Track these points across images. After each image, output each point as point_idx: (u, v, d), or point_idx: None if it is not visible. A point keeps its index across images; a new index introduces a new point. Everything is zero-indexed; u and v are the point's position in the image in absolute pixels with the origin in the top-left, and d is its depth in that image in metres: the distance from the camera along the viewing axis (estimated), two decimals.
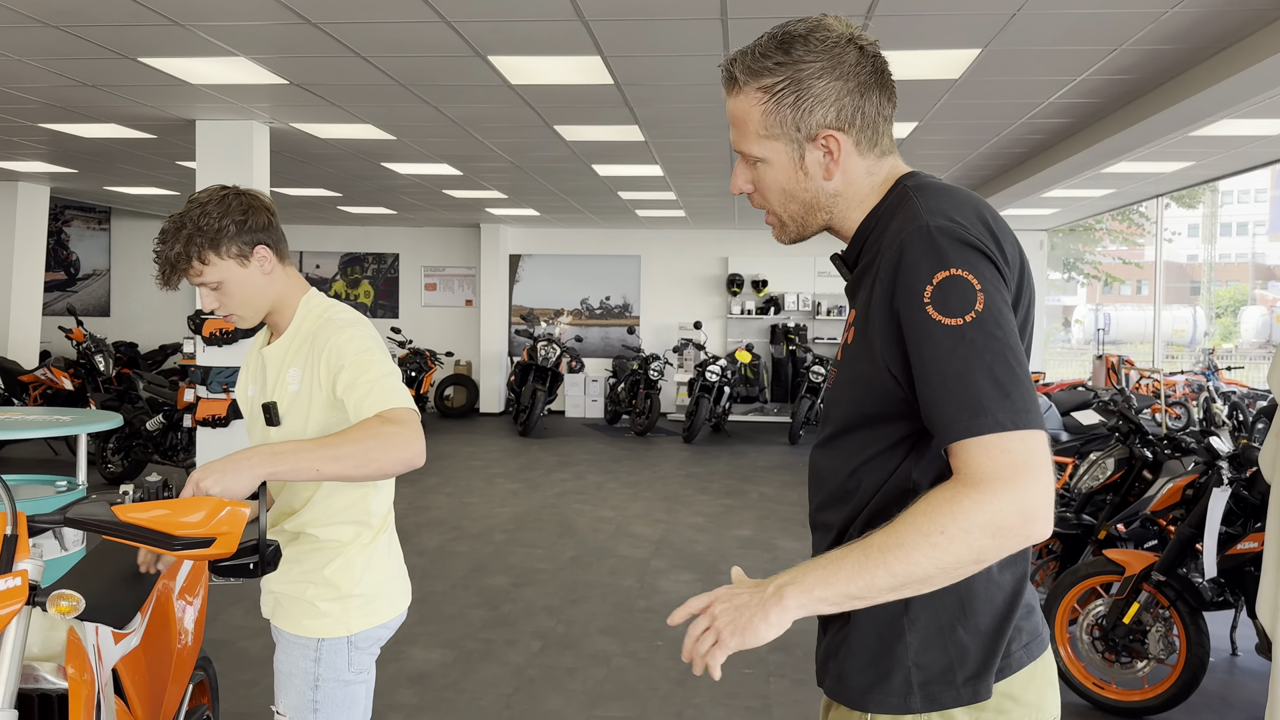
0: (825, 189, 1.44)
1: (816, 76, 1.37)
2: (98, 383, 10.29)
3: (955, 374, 1.23)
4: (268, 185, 7.75)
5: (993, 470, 1.20)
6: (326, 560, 2.11)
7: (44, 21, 4.97)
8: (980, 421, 1.21)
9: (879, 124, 1.42)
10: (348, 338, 2.03)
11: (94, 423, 4.92)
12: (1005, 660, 1.34)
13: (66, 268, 15.49)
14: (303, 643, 2.08)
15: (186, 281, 2.09)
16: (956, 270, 1.26)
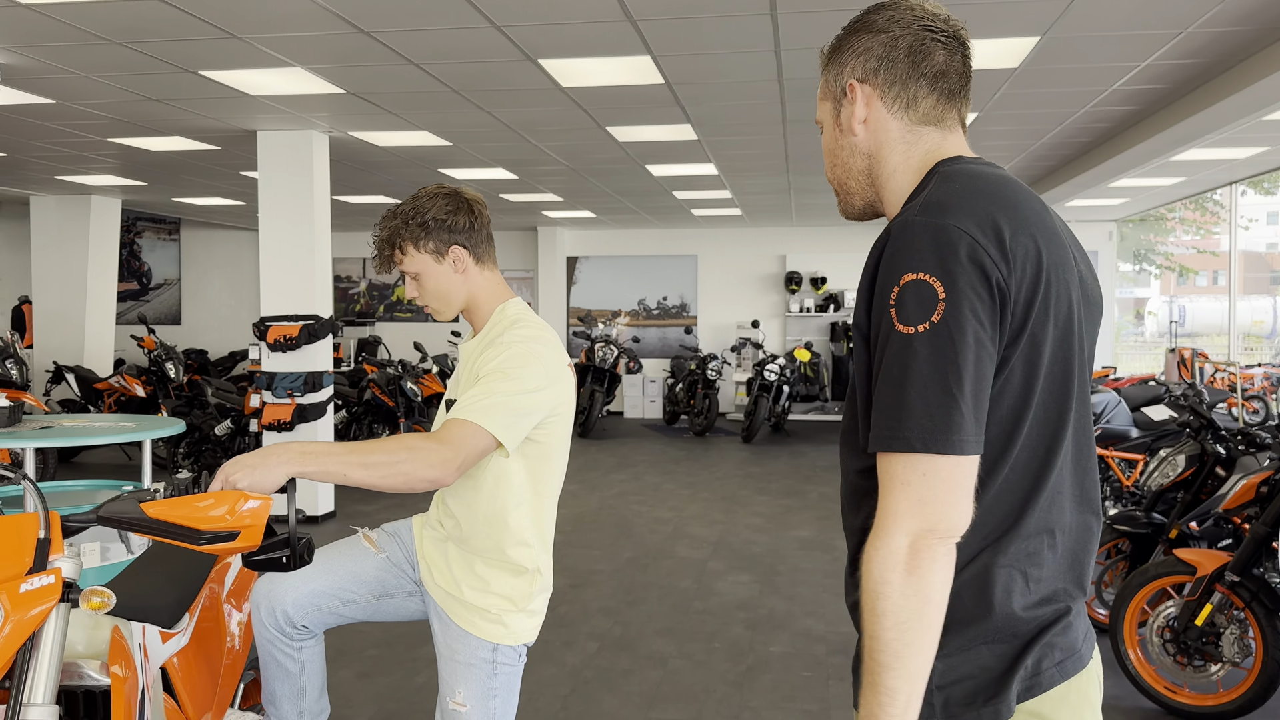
0: (858, 147, 1.44)
1: (855, 32, 1.43)
2: (169, 389, 10.58)
3: (893, 382, 1.24)
4: (328, 193, 7.88)
5: (887, 507, 1.24)
6: (510, 574, 2.25)
7: (110, 39, 5.12)
8: (897, 435, 1.23)
9: (911, 82, 1.39)
10: (514, 353, 2.12)
11: (158, 429, 5.05)
12: (1035, 678, 1.30)
13: (139, 278, 15.96)
14: (482, 641, 2.22)
15: None
16: (922, 274, 1.23)
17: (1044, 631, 1.31)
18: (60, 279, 11.56)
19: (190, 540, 1.71)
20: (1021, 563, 1.31)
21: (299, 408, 7.61)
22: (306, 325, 7.61)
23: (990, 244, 1.24)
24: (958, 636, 1.30)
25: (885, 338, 1.25)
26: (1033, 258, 1.27)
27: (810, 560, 6.55)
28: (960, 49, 1.41)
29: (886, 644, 1.22)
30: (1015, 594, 1.30)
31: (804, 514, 8.01)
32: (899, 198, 1.42)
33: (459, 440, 1.96)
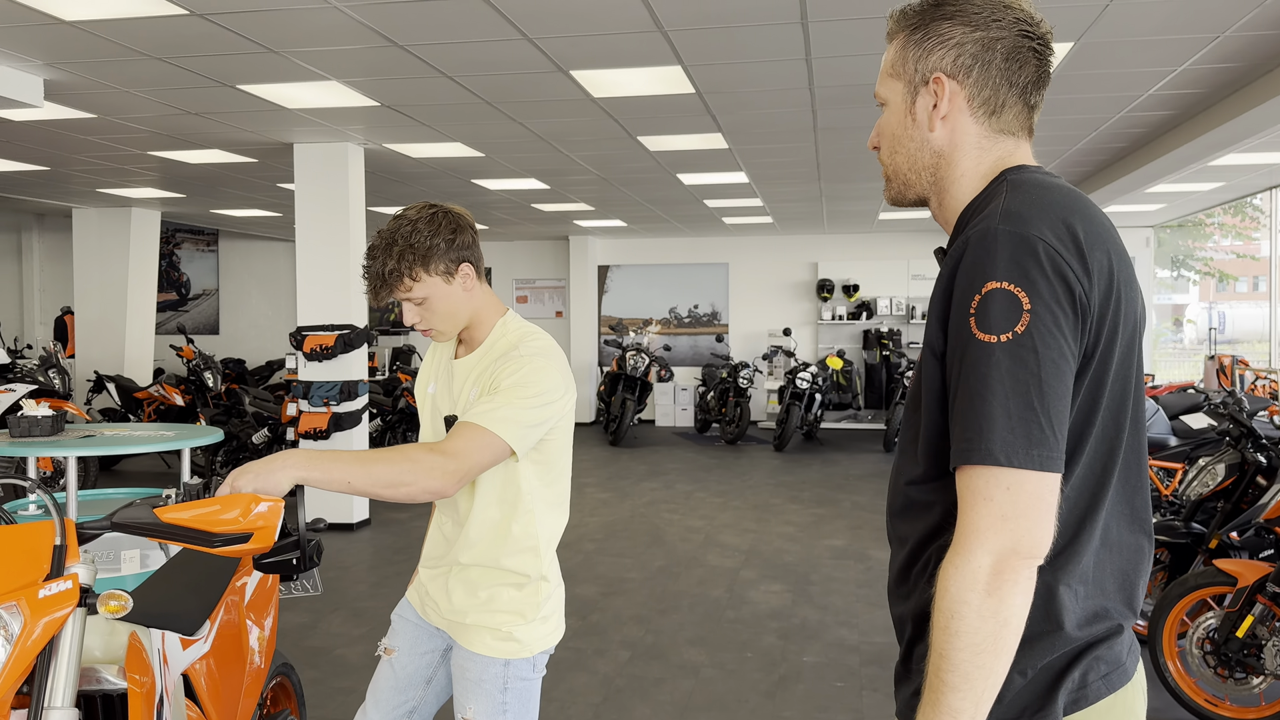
0: (930, 143, 1.38)
1: (948, 19, 1.34)
2: (207, 398, 10.73)
3: (972, 393, 1.20)
4: (363, 204, 7.98)
5: (968, 524, 1.20)
6: (517, 590, 2.21)
7: (151, 55, 5.22)
8: (981, 448, 1.19)
9: (1002, 90, 1.34)
10: (528, 370, 2.09)
11: (195, 438, 5.13)
12: (1082, 691, 1.28)
13: (178, 288, 16.21)
14: (491, 659, 2.20)
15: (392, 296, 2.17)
16: (1006, 284, 1.19)
17: (1092, 646, 1.30)
18: (101, 290, 11.77)
19: (204, 543, 1.73)
20: (1074, 580, 1.29)
21: (335, 416, 7.69)
22: (342, 335, 7.70)
23: (1072, 256, 1.22)
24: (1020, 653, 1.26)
25: (963, 347, 1.21)
26: (1106, 272, 1.25)
27: (843, 570, 6.51)
28: (1048, 55, 1.36)
29: (956, 665, 1.18)
30: (1068, 612, 1.28)
31: (837, 523, 7.97)
32: (960, 202, 1.38)
33: (464, 451, 1.96)
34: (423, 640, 2.35)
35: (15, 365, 10.25)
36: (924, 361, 1.32)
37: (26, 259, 15.14)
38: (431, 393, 2.35)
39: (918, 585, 1.36)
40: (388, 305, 2.22)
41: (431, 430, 2.34)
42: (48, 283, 15.27)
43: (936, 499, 1.32)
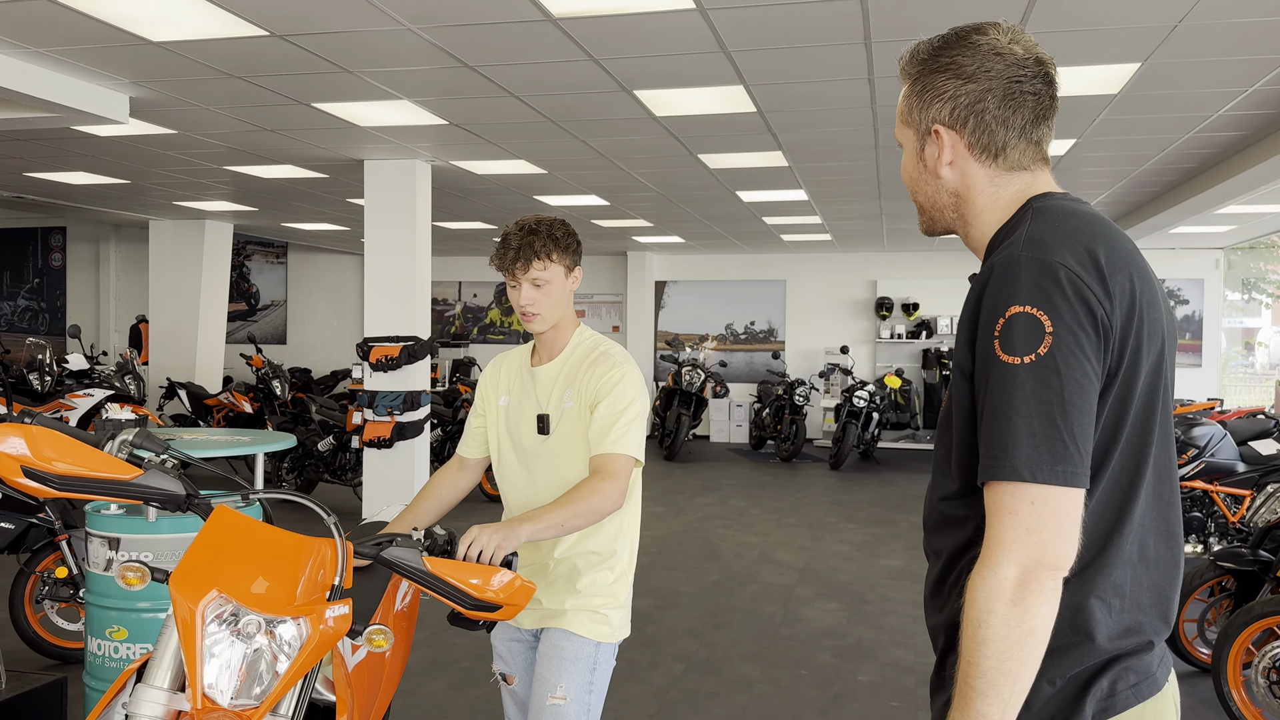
0: (942, 186, 1.47)
1: (942, 71, 1.42)
2: (275, 406, 11.01)
3: (998, 412, 1.26)
4: (429, 219, 8.16)
5: (995, 537, 1.25)
6: (610, 572, 2.48)
7: (230, 73, 5.43)
8: (1006, 464, 1.24)
9: (999, 133, 1.41)
10: (618, 376, 2.41)
11: (270, 443, 5.30)
12: (1110, 700, 1.32)
13: (248, 299, 16.66)
14: (586, 640, 2.43)
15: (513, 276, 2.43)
16: (1029, 308, 1.25)
17: (1121, 657, 1.33)
18: (175, 299, 12.16)
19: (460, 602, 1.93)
20: (1107, 594, 1.32)
21: (398, 425, 7.86)
22: (407, 346, 7.87)
23: (1094, 280, 1.27)
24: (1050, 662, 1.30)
25: (989, 368, 1.27)
26: (1128, 294, 1.30)
27: (899, 590, 6.48)
28: (1048, 89, 1.41)
29: (984, 672, 1.23)
30: (1099, 625, 1.31)
31: (893, 543, 7.93)
32: (987, 232, 1.45)
33: (620, 472, 2.34)
34: (526, 654, 2.58)
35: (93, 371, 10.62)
36: (954, 382, 1.37)
37: (104, 268, 15.69)
38: (504, 404, 2.57)
39: (950, 597, 1.40)
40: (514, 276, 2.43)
41: (508, 435, 2.55)
42: (124, 291, 15.80)
43: (969, 514, 1.37)
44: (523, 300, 2.43)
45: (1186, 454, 6.47)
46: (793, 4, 4.23)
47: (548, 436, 2.47)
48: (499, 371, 2.63)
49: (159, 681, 1.78)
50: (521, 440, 2.52)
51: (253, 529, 1.91)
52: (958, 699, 1.27)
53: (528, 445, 2.51)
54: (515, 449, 2.54)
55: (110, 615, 3.84)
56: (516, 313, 2.48)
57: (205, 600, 1.76)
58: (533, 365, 2.55)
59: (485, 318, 16.50)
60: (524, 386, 2.55)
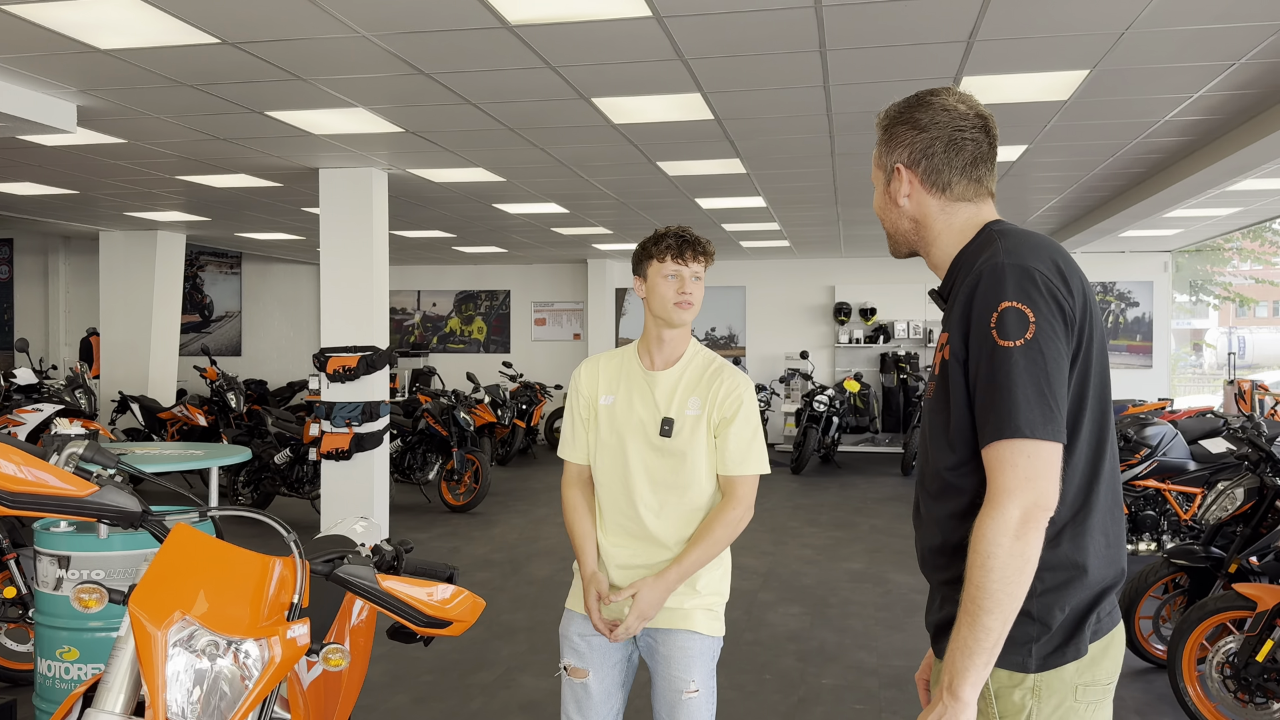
0: (902, 213, 1.84)
1: (902, 124, 1.81)
2: (229, 419, 10.84)
3: (1001, 385, 1.58)
4: (386, 228, 8.09)
5: (1001, 485, 1.57)
6: (721, 569, 2.68)
7: (180, 81, 5.35)
8: (1008, 426, 1.56)
9: (945, 172, 1.78)
10: (749, 397, 2.63)
11: (225, 457, 5.21)
12: (1098, 626, 1.67)
13: (201, 310, 16.41)
14: (707, 636, 2.62)
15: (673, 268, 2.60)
16: (1017, 303, 1.59)
17: (1105, 592, 1.68)
18: (126, 311, 11.94)
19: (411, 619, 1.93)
20: (1096, 536, 1.67)
21: (356, 437, 7.77)
22: (365, 356, 7.79)
23: (1059, 282, 1.63)
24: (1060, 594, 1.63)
25: (988, 353, 1.60)
26: (1082, 294, 1.67)
27: (861, 593, 6.52)
28: (986, 138, 1.78)
29: (991, 593, 1.55)
30: (1091, 558, 1.66)
31: (854, 546, 7.98)
32: (947, 253, 1.81)
33: (749, 495, 2.60)
34: (611, 653, 2.66)
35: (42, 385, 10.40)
36: (950, 371, 1.68)
37: (53, 281, 15.37)
38: (607, 403, 2.68)
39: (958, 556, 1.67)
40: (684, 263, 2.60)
41: (614, 433, 2.64)
42: (73, 304, 15.49)
43: (966, 484, 1.68)
44: (687, 288, 2.59)
45: (1139, 453, 6.58)
46: (748, 12, 4.26)
47: (670, 439, 2.59)
48: (596, 371, 2.73)
49: (111, 705, 1.73)
50: (632, 439, 2.62)
51: (212, 547, 1.87)
52: (965, 617, 1.58)
53: (641, 445, 2.61)
54: (620, 447, 2.63)
55: (61, 635, 3.75)
56: (666, 303, 2.58)
57: (169, 623, 1.72)
58: (649, 369, 2.66)
59: (445, 326, 16.40)
60: (636, 388, 2.66)
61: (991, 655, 1.57)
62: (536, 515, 9.30)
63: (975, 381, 1.62)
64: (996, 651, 1.57)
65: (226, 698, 1.74)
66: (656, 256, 2.60)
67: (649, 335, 2.67)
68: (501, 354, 16.16)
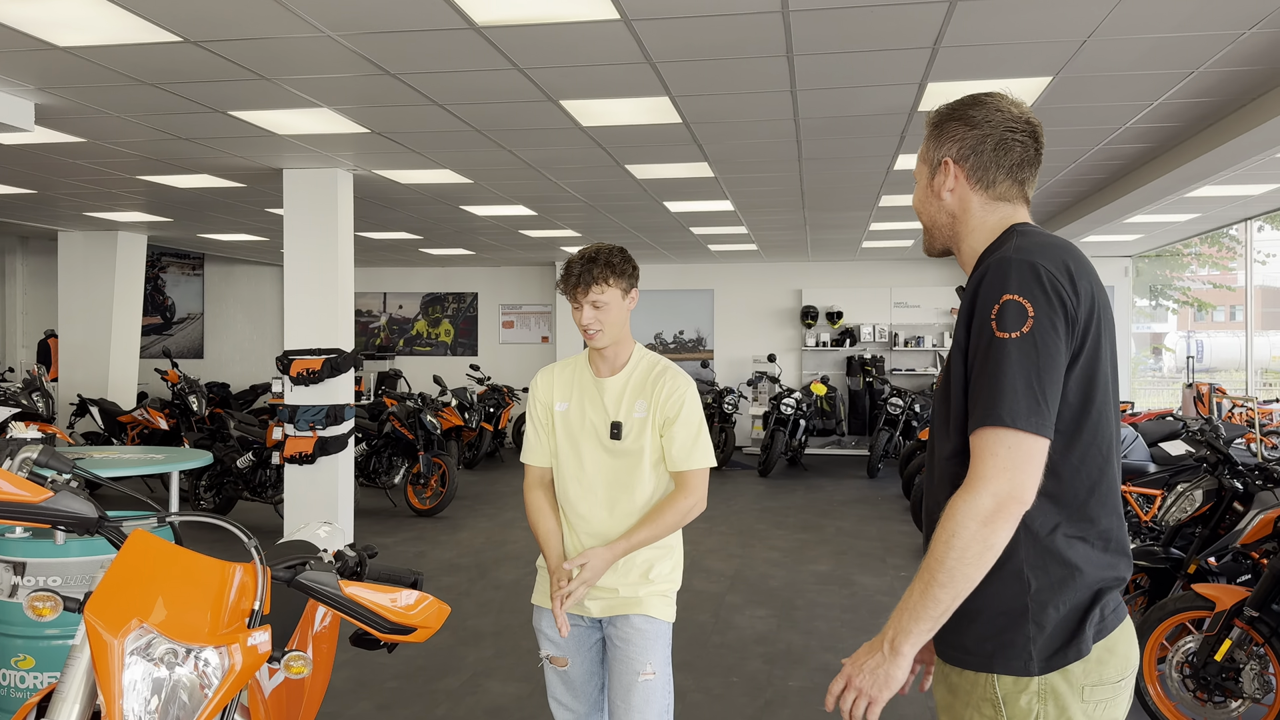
0: (943, 207, 1.86)
1: (954, 120, 1.84)
2: (191, 422, 10.70)
3: (992, 374, 1.61)
4: (351, 229, 8.02)
5: (980, 472, 1.60)
6: (672, 558, 2.83)
7: (142, 80, 5.27)
8: (993, 414, 1.59)
9: (991, 169, 1.81)
10: (690, 396, 2.77)
11: (185, 461, 5.14)
12: (1101, 624, 1.67)
13: (163, 312, 16.18)
14: (661, 620, 2.77)
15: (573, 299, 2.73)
16: (1018, 296, 1.62)
17: (1105, 591, 1.67)
18: (86, 313, 11.74)
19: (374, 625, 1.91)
20: (1093, 538, 1.67)
21: (320, 440, 7.69)
22: (329, 359, 7.72)
23: (1065, 280, 1.65)
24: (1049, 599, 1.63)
25: (986, 343, 1.63)
26: (1089, 296, 1.68)
27: (828, 595, 6.55)
28: (1034, 143, 1.83)
29: (948, 569, 1.59)
30: (1086, 562, 1.66)
31: (821, 548, 8.01)
32: (976, 249, 1.83)
33: (703, 483, 2.77)
34: (585, 638, 2.85)
35: None
36: (953, 359, 1.72)
37: (10, 282, 15.10)
38: (562, 410, 2.84)
39: None
40: (576, 299, 2.72)
41: (568, 438, 2.80)
42: (31, 305, 15.21)
43: (964, 471, 1.67)
44: (585, 320, 2.71)
45: None
46: (716, 16, 4.27)
47: (620, 441, 2.75)
48: (551, 380, 2.89)
49: (65, 716, 1.70)
50: (586, 443, 2.79)
51: (171, 554, 1.84)
52: (919, 583, 1.62)
53: (594, 448, 2.78)
54: (575, 451, 2.80)
55: (16, 644, 3.68)
56: (581, 333, 2.75)
57: (125, 631, 1.68)
58: (597, 376, 2.83)
59: (411, 329, 16.29)
60: (588, 395, 2.82)
61: (935, 624, 1.61)
62: (504, 519, 9.26)
63: (972, 370, 1.65)
64: (941, 620, 1.61)
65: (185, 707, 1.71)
66: (564, 293, 2.77)
67: (591, 350, 2.86)
68: (469, 357, 16.08)
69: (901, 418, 12.19)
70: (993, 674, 1.65)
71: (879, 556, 7.72)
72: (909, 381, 14.48)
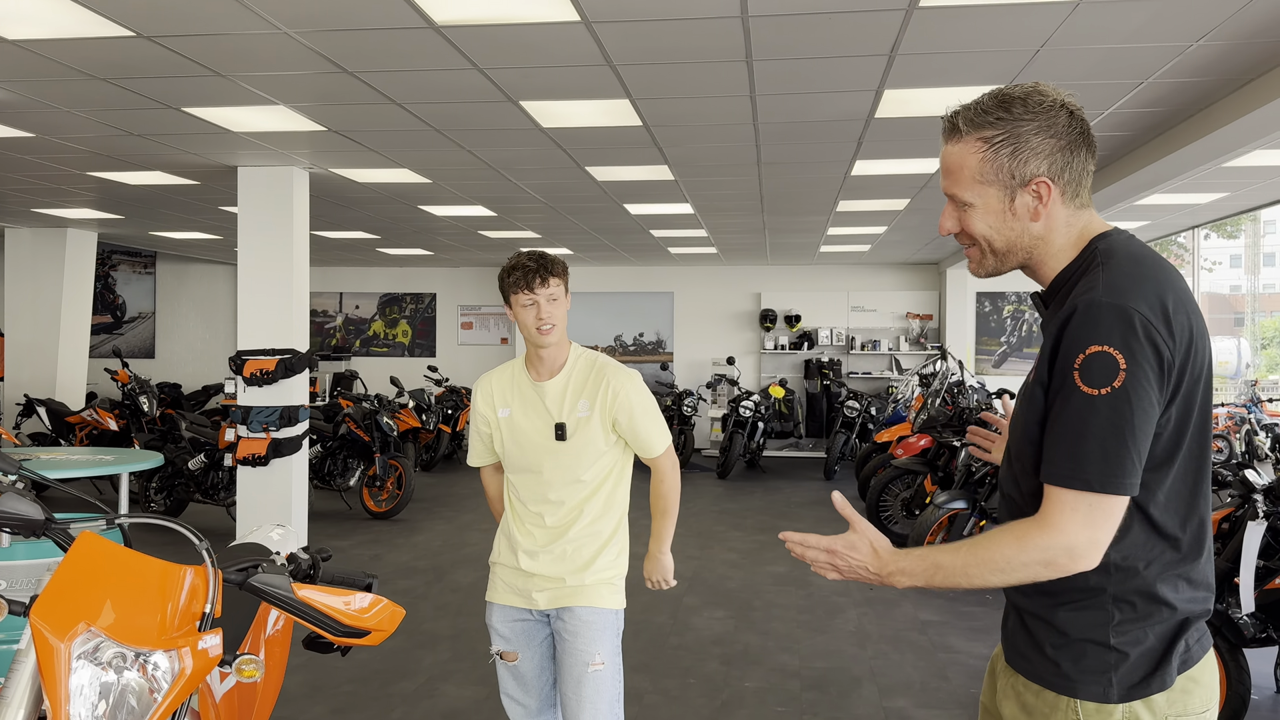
0: (1030, 230, 1.67)
1: (1034, 133, 1.61)
2: (142, 423, 10.51)
3: (1074, 432, 1.52)
4: (307, 228, 7.93)
5: (1061, 523, 1.53)
6: (616, 547, 2.89)
7: (92, 75, 5.18)
8: (1079, 476, 1.52)
9: (1083, 178, 1.65)
10: (635, 389, 2.85)
11: (135, 462, 5.05)
12: (1186, 654, 1.61)
13: (113, 311, 15.88)
14: (609, 610, 2.83)
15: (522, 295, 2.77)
16: (1108, 348, 1.50)
17: (1191, 619, 1.62)
18: (33, 311, 11.49)
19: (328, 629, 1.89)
20: (1187, 575, 1.61)
21: (274, 442, 7.60)
22: (283, 359, 7.62)
23: (1160, 323, 1.51)
24: (1134, 629, 1.59)
25: (1067, 394, 1.53)
26: (1187, 331, 1.55)
27: (785, 596, 6.59)
28: (1090, 134, 1.66)
29: (984, 576, 1.58)
30: (1174, 599, 1.60)
31: (778, 550, 8.06)
32: (1056, 267, 1.68)
33: (672, 456, 2.96)
34: (534, 632, 2.89)
35: None
36: (1033, 395, 1.62)
37: None
38: (505, 416, 2.88)
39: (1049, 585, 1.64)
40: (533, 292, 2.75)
41: (514, 442, 2.85)
42: None
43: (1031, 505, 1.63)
44: (542, 314, 2.76)
45: None
46: (676, 20, 4.28)
47: (565, 442, 2.80)
48: (490, 389, 2.93)
49: None
50: (531, 446, 2.84)
51: (119, 556, 1.81)
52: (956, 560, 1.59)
53: (540, 450, 2.82)
54: (523, 454, 2.85)
55: None
56: (530, 329, 2.76)
57: (72, 635, 1.65)
58: (536, 380, 2.86)
59: (368, 329, 16.14)
60: (528, 400, 2.86)
61: (935, 587, 1.63)
62: (461, 521, 9.20)
63: (1051, 412, 1.57)
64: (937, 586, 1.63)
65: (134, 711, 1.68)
66: (513, 289, 2.78)
67: (530, 353, 2.89)
68: (427, 358, 15.97)
69: (858, 420, 12.30)
70: (1076, 699, 1.61)
71: None
72: (865, 384, 14.62)
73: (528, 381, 2.89)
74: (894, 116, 5.93)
